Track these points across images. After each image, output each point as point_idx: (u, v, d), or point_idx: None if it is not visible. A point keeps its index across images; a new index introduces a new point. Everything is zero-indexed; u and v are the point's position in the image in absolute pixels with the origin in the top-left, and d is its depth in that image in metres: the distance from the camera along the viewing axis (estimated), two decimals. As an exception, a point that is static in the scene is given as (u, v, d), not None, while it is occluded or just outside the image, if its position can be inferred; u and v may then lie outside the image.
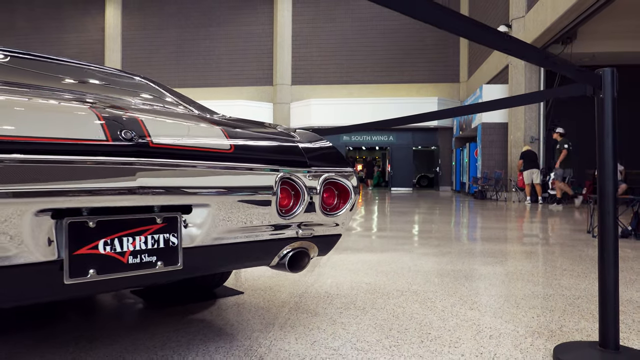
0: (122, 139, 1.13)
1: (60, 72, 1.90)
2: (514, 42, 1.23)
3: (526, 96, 1.75)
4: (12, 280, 1.01)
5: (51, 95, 1.35)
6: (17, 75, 1.72)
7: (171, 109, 1.76)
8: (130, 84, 2.09)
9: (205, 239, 1.28)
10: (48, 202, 1.00)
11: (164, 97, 2.06)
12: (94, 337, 1.71)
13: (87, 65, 2.08)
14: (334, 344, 1.66)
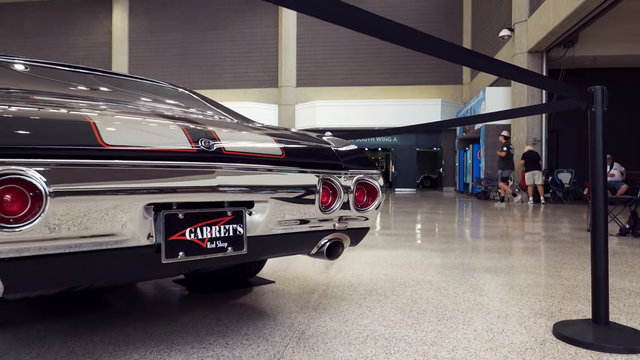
0: (202, 148, 1.39)
1: (130, 87, 2.18)
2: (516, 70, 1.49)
3: (527, 109, 2.01)
4: (124, 260, 1.28)
5: (137, 110, 1.61)
6: (96, 91, 1.99)
7: (224, 118, 2.03)
8: (181, 95, 2.37)
9: (263, 229, 1.55)
10: (152, 198, 1.27)
11: (208, 106, 2.33)
12: (153, 317, 1.97)
13: (146, 80, 2.37)
14: (363, 321, 1.93)
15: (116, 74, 2.32)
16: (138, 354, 1.55)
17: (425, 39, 1.27)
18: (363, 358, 1.54)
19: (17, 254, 1.08)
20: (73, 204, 1.12)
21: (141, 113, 1.55)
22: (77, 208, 1.13)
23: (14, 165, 1.06)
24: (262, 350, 1.60)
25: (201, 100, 2.48)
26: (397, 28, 1.20)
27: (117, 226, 1.22)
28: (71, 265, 1.18)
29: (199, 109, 2.20)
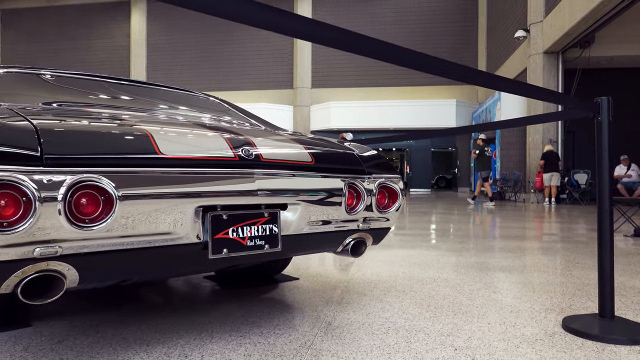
0: (243, 156, 1.56)
1: (169, 98, 2.37)
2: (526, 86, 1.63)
3: (540, 117, 2.14)
4: (177, 256, 1.45)
5: (183, 121, 1.79)
6: (142, 103, 2.18)
7: (255, 126, 2.20)
8: (213, 103, 2.56)
9: (295, 229, 1.71)
10: (201, 201, 1.44)
11: (238, 114, 2.51)
12: (191, 309, 2.15)
13: (181, 90, 2.56)
14: (384, 315, 2.08)
15: (155, 85, 2.51)
16: (183, 340, 1.73)
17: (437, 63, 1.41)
18: (386, 346, 1.69)
19: (91, 249, 1.26)
20: (137, 206, 1.30)
21: (186, 124, 1.73)
22: (140, 210, 1.31)
23: (89, 174, 1.23)
24: (293, 338, 1.76)
25: (232, 108, 2.66)
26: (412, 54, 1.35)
27: (173, 226, 1.39)
28: (134, 260, 1.36)
29: (232, 117, 2.38)
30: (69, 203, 1.20)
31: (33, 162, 1.17)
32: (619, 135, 14.74)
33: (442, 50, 19.98)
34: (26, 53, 23.52)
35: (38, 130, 1.24)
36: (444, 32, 20.01)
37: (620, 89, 15.12)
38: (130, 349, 1.64)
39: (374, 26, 20.47)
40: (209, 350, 1.63)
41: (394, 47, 1.28)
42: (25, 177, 1.14)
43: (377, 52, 1.27)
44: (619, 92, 15.20)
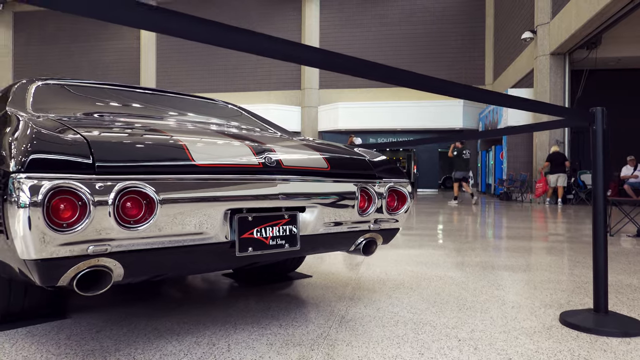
0: (266, 163, 1.72)
1: (195, 107, 2.55)
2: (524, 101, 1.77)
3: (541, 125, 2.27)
4: (208, 253, 1.61)
5: (210, 131, 1.95)
6: (173, 112, 2.36)
7: (273, 133, 2.37)
8: (233, 111, 2.74)
9: (312, 229, 1.87)
10: (230, 204, 1.60)
11: (257, 122, 2.67)
12: (213, 304, 2.32)
13: (205, 99, 2.74)
14: (393, 309, 2.23)
15: (180, 94, 2.70)
16: (210, 331, 1.89)
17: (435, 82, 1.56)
18: (395, 337, 1.84)
19: (135, 247, 1.42)
20: (174, 209, 1.46)
21: (214, 133, 1.89)
22: (177, 212, 1.47)
23: (134, 181, 1.40)
24: (310, 330, 1.92)
25: (250, 115, 2.83)
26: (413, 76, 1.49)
27: (205, 227, 1.55)
28: (171, 256, 1.52)
29: (250, 124, 2.55)
30: (117, 206, 1.36)
31: (87, 171, 1.34)
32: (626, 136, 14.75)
33: (449, 51, 20.06)
34: (38, 55, 23.88)
35: (89, 142, 1.40)
36: (450, 33, 20.09)
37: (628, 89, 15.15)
38: (163, 338, 1.81)
39: (381, 27, 20.59)
40: (234, 340, 1.80)
41: (400, 71, 1.43)
42: (80, 184, 1.31)
43: (383, 76, 1.42)
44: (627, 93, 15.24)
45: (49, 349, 1.69)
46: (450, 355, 1.66)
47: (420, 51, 20.24)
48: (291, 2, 21.23)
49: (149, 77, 22.55)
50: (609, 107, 8.12)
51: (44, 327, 1.93)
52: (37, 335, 1.83)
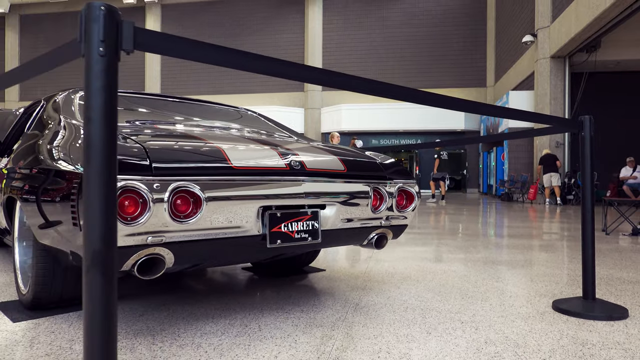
0: (292, 166, 1.96)
1: (223, 114, 2.81)
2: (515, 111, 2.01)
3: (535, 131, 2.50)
4: (244, 245, 1.85)
5: (241, 136, 2.19)
6: (208, 120, 2.61)
7: (292, 138, 2.61)
8: (254, 117, 2.99)
9: (331, 225, 2.11)
10: (262, 202, 1.84)
11: (276, 128, 2.92)
12: (239, 293, 2.56)
13: (230, 107, 3.01)
14: (402, 298, 2.47)
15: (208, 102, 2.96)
16: (240, 315, 2.13)
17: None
18: (405, 320, 2.08)
19: (185, 238, 1.66)
20: (217, 206, 1.70)
21: (245, 139, 2.13)
22: (220, 208, 1.71)
23: (184, 181, 1.64)
24: (329, 314, 2.16)
25: (267, 121, 3.08)
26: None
27: (241, 221, 1.79)
28: (213, 247, 1.76)
29: (271, 129, 2.79)
30: (171, 203, 1.60)
31: (146, 173, 1.57)
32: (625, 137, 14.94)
33: (451, 54, 20.28)
34: (44, 57, 24.15)
35: (145, 148, 1.64)
36: (452, 36, 20.32)
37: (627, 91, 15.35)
38: (200, 321, 2.05)
39: (383, 30, 20.83)
40: (263, 322, 2.03)
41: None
42: (142, 184, 1.54)
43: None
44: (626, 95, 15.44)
45: (102, 329, 1.93)
46: (454, 334, 1.89)
47: (422, 53, 20.48)
48: (294, 5, 21.50)
49: (153, 80, 22.82)
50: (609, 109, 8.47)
51: (92, 311, 2.17)
52: (88, 318, 2.07)
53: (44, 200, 1.81)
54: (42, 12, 24.26)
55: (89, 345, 0.84)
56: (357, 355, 1.66)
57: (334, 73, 1.55)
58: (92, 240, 0.84)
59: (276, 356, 1.65)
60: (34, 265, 2.05)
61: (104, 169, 0.82)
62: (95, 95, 0.82)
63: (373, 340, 1.82)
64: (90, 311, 0.84)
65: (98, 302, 0.84)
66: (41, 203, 1.83)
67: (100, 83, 0.82)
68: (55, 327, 1.94)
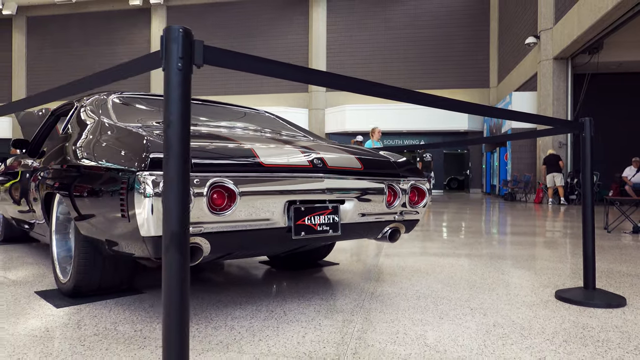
0: (315, 164, 2.13)
1: (247, 116, 2.98)
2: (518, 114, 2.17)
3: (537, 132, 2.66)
4: (272, 236, 2.02)
5: (266, 136, 2.36)
6: (236, 121, 2.78)
7: (308, 137, 2.77)
8: (270, 119, 3.17)
9: (350, 219, 2.27)
10: (288, 197, 2.01)
11: (293, 128, 3.09)
12: (261, 283, 2.72)
13: (251, 109, 3.19)
14: (414, 288, 2.63)
15: (229, 105, 3.13)
16: (265, 302, 2.30)
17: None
18: (418, 307, 2.24)
19: (220, 229, 1.83)
20: (250, 200, 1.87)
21: (270, 139, 2.30)
22: (252, 202, 1.88)
23: (220, 177, 1.80)
24: (348, 302, 2.32)
25: (285, 123, 3.25)
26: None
27: (270, 214, 1.96)
28: (245, 238, 1.93)
29: (291, 130, 2.97)
30: (209, 197, 1.77)
31: (188, 170, 1.74)
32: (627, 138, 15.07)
33: (455, 55, 20.43)
34: (51, 59, 24.42)
35: (186, 147, 1.81)
36: (456, 37, 20.46)
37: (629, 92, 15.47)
38: (229, 307, 2.22)
39: (387, 31, 20.99)
40: (287, 308, 2.20)
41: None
42: (184, 180, 1.71)
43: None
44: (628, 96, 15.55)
45: (140, 314, 2.10)
46: (464, 319, 2.06)
47: (425, 55, 20.64)
48: (299, 7, 21.68)
49: (159, 80, 23.02)
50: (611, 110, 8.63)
51: (128, 299, 2.35)
52: (125, 304, 2.24)
53: (90, 195, 1.98)
54: (49, 14, 24.50)
55: (168, 309, 1.01)
56: (378, 336, 1.83)
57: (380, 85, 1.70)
58: (171, 224, 1.00)
59: (304, 336, 1.82)
60: (75, 255, 2.22)
61: (181, 164, 0.99)
62: (173, 102, 0.99)
63: (390, 324, 1.98)
64: (168, 280, 1.01)
65: (174, 274, 1.01)
66: (87, 198, 2.01)
67: (178, 92, 0.99)
68: (97, 312, 2.11)
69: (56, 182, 2.37)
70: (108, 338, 1.79)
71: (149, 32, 23.63)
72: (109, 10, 24.05)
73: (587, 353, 1.67)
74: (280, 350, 1.67)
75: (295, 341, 1.77)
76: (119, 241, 1.90)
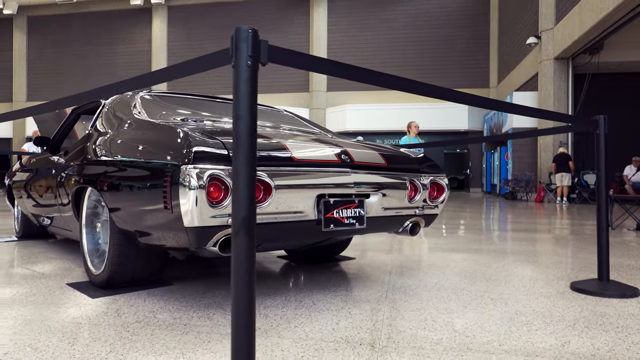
0: (342, 160, 2.21)
1: (273, 114, 3.08)
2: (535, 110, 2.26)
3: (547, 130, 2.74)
4: (304, 228, 2.10)
5: (295, 134, 2.45)
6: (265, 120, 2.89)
7: (333, 135, 2.86)
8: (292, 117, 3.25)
9: (374, 212, 2.36)
10: (319, 190, 2.09)
11: (311, 126, 3.17)
12: (283, 276, 2.81)
13: (275, 109, 3.28)
14: (433, 280, 2.72)
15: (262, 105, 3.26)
16: (293, 293, 2.38)
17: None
18: (440, 297, 2.33)
19: (258, 221, 1.91)
20: (284, 193, 1.95)
21: (299, 136, 2.39)
22: (286, 195, 1.96)
23: (257, 171, 1.89)
24: (371, 293, 2.41)
25: (304, 121, 3.34)
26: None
27: (303, 207, 2.05)
28: (279, 229, 2.01)
29: (313, 128, 3.07)
30: (247, 190, 1.85)
31: (227, 163, 1.83)
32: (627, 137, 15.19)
33: (455, 55, 20.55)
34: (52, 59, 24.44)
35: (224, 143, 1.89)
36: (455, 37, 20.58)
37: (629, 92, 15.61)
38: (260, 297, 2.30)
39: (387, 31, 21.09)
40: (315, 298, 2.29)
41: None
42: (224, 173, 1.80)
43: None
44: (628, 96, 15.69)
45: (173, 303, 2.18)
46: (487, 308, 2.15)
47: (426, 54, 20.75)
48: (300, 7, 21.77)
49: (160, 79, 23.05)
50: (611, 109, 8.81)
51: (158, 290, 2.43)
52: (157, 295, 2.32)
53: (129, 189, 2.06)
54: (49, 14, 24.52)
55: (236, 288, 1.10)
56: (407, 323, 1.91)
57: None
58: (240, 210, 1.09)
59: (337, 323, 1.90)
60: (110, 247, 2.30)
61: (250, 152, 1.08)
62: (242, 97, 1.07)
63: (417, 312, 2.07)
64: (237, 261, 1.09)
65: (243, 255, 1.09)
66: (125, 191, 2.09)
67: (246, 88, 1.07)
68: (132, 302, 2.20)
69: (89, 177, 2.44)
70: (150, 325, 1.87)
71: (150, 32, 23.67)
72: (110, 10, 24.08)
73: (608, 338, 1.76)
74: (317, 336, 1.75)
75: (330, 327, 1.85)
76: (154, 232, 1.99)
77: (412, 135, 7.84)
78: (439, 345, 1.67)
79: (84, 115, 3.66)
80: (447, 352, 1.60)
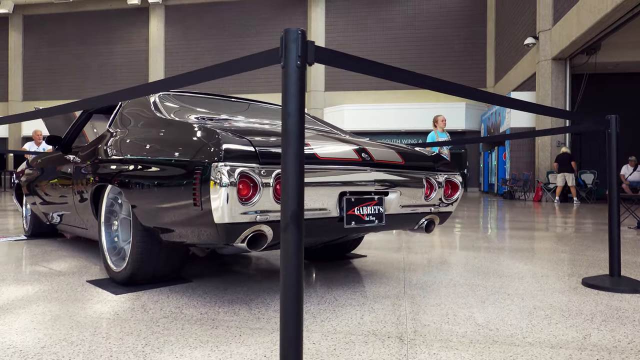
0: (363, 158, 2.26)
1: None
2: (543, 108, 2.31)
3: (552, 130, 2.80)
4: (327, 225, 2.14)
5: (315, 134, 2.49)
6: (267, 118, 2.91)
7: (347, 134, 2.90)
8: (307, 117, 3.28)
9: (392, 210, 2.40)
10: (341, 188, 2.13)
11: (324, 125, 3.22)
12: (301, 273, 2.85)
13: None
14: (446, 276, 2.77)
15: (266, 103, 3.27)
16: (312, 289, 2.42)
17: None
18: (458, 293, 2.38)
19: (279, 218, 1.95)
20: (310, 190, 1.99)
21: (320, 135, 2.43)
22: (311, 192, 2.00)
23: (283, 169, 1.92)
24: (389, 288, 2.46)
25: (316, 120, 3.38)
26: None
27: (327, 204, 2.09)
28: (306, 225, 2.05)
29: (328, 127, 3.11)
30: (274, 187, 1.89)
31: (256, 161, 1.86)
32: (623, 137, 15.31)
33: (452, 55, 20.65)
34: (48, 58, 24.34)
35: (252, 142, 1.93)
36: (453, 37, 20.69)
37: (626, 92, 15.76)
38: (279, 293, 2.34)
39: (385, 31, 21.17)
40: (336, 294, 2.33)
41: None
42: (254, 171, 1.83)
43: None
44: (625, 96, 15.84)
45: (197, 300, 2.22)
46: (505, 303, 2.20)
47: (423, 54, 20.84)
48: (298, 7, 21.81)
49: (157, 79, 23.03)
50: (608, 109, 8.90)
51: (179, 287, 2.46)
52: (179, 292, 2.35)
53: (155, 186, 2.10)
54: (45, 13, 24.42)
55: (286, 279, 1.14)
56: (430, 317, 1.96)
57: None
58: (289, 204, 1.13)
59: (362, 317, 1.95)
60: (133, 245, 2.33)
61: (298, 148, 1.12)
62: (291, 96, 1.11)
63: (437, 307, 2.12)
64: (286, 253, 1.13)
65: (293, 248, 1.13)
66: (151, 188, 2.12)
67: (296, 87, 1.11)
68: (156, 298, 2.23)
69: (108, 175, 2.47)
70: (179, 320, 1.91)
71: (147, 31, 23.63)
72: (107, 9, 24.02)
73: (627, 330, 1.82)
74: (345, 329, 1.80)
75: (356, 322, 1.89)
76: (178, 229, 2.02)
77: (439, 130, 7.26)
78: (465, 337, 1.72)
79: (95, 115, 3.68)
80: (474, 345, 1.64)
